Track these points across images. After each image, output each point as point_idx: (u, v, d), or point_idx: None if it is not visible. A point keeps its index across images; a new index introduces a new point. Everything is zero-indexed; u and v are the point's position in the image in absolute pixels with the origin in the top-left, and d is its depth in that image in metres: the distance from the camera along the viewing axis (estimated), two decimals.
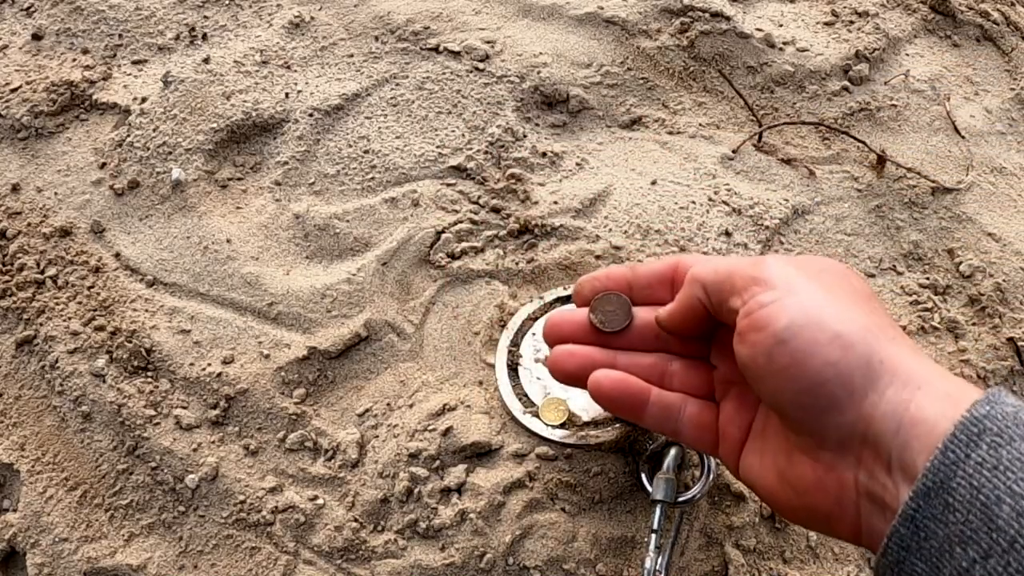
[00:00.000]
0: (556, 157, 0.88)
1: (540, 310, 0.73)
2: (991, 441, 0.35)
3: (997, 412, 0.35)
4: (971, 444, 0.35)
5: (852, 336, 0.39)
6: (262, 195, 0.85)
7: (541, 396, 0.68)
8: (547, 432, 0.66)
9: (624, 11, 1.00)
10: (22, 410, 0.73)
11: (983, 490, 0.34)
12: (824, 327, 0.39)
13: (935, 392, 0.38)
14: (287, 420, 0.70)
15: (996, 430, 0.35)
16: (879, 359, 0.39)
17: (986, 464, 0.34)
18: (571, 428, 0.66)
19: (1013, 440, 0.34)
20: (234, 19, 1.00)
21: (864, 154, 0.92)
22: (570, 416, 0.66)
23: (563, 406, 0.66)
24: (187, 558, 0.65)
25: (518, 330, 0.72)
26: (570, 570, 0.62)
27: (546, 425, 0.66)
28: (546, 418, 0.67)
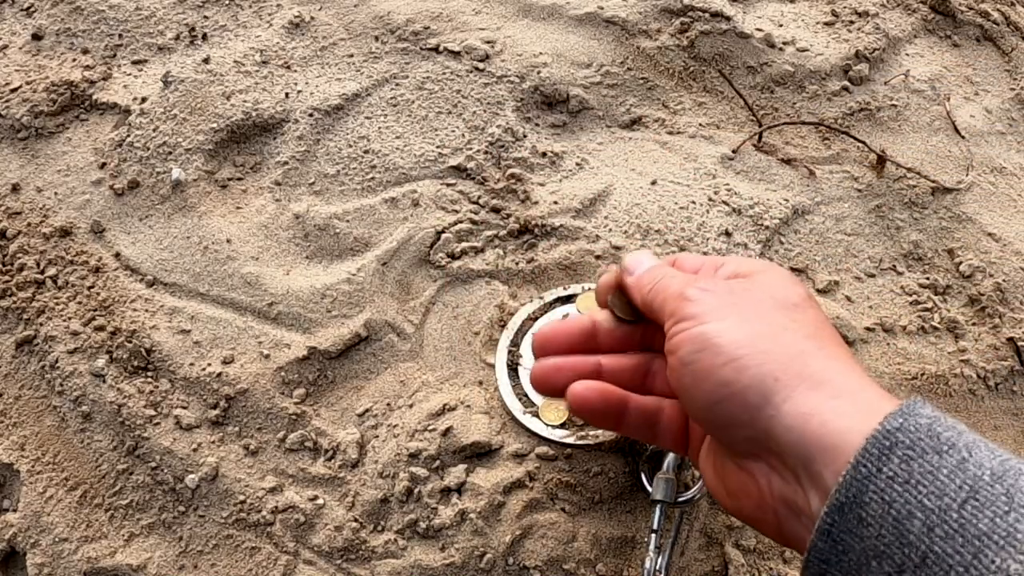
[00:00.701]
0: (556, 157, 0.88)
1: (540, 310, 0.73)
2: (902, 455, 0.35)
3: (910, 424, 0.36)
4: (883, 458, 0.35)
5: (747, 359, 0.41)
6: (262, 195, 0.85)
7: (541, 396, 0.67)
8: (547, 432, 0.66)
9: (624, 11, 1.00)
10: (22, 410, 0.73)
11: (894, 504, 0.34)
12: (720, 352, 0.42)
13: (848, 404, 0.38)
14: (287, 420, 0.70)
15: (908, 443, 0.35)
16: (774, 377, 0.40)
17: (898, 478, 0.34)
18: (571, 428, 0.65)
19: (925, 453, 0.34)
20: (234, 19, 1.00)
21: (864, 154, 0.92)
22: (570, 416, 0.66)
23: (563, 406, 0.66)
24: (187, 558, 0.65)
25: (518, 330, 0.72)
26: (570, 570, 0.62)
27: (546, 425, 0.66)
28: (546, 418, 0.66)
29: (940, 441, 0.35)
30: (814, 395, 0.39)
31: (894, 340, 0.77)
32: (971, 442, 0.35)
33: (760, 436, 0.41)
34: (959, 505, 0.33)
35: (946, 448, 0.35)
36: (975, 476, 0.33)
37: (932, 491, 0.33)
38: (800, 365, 0.40)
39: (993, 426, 0.75)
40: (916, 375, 0.75)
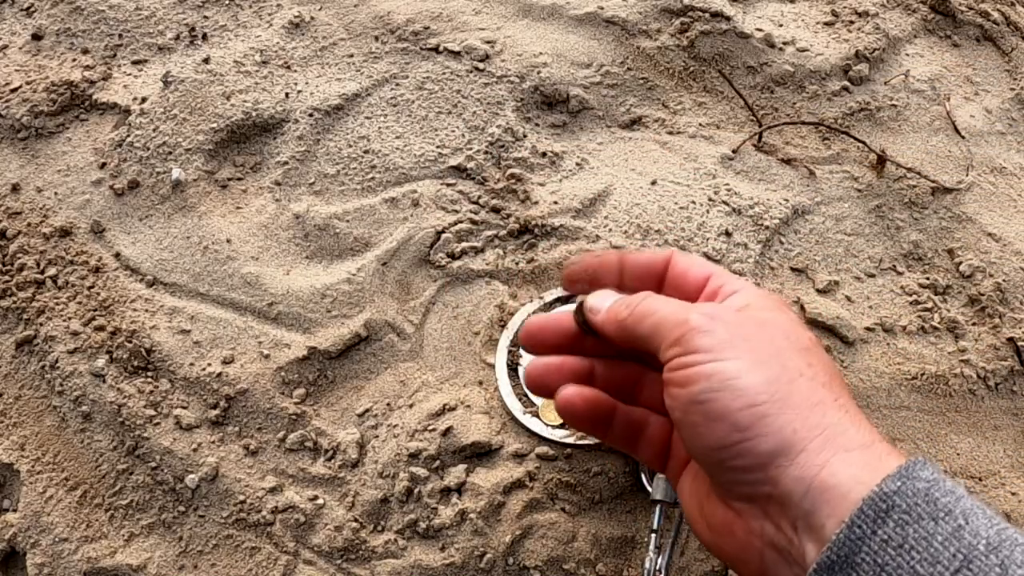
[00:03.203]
0: (556, 157, 0.88)
1: (540, 310, 0.73)
2: (898, 519, 0.35)
3: (908, 488, 0.35)
4: (878, 520, 0.35)
5: (767, 407, 0.39)
6: (262, 195, 0.85)
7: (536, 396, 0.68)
8: (547, 432, 0.66)
9: (624, 11, 1.00)
10: (22, 410, 0.73)
11: (886, 568, 0.34)
12: (739, 395, 0.40)
13: (852, 459, 0.38)
14: (287, 420, 0.70)
15: (904, 507, 0.35)
16: (792, 429, 0.39)
17: (891, 542, 0.34)
18: (571, 428, 0.65)
19: (921, 519, 0.34)
20: (234, 19, 1.00)
21: (864, 154, 0.92)
22: None
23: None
24: (187, 558, 0.65)
25: (518, 330, 0.71)
26: (570, 570, 0.62)
27: (546, 425, 0.66)
28: (546, 418, 0.66)
29: (937, 507, 0.35)
30: (828, 449, 0.38)
31: (894, 340, 0.77)
32: (968, 509, 0.35)
33: (766, 484, 0.40)
34: (951, 574, 0.33)
35: (943, 515, 0.34)
36: (970, 545, 0.33)
37: (925, 557, 0.33)
38: (818, 416, 0.40)
39: (993, 426, 0.75)
40: (916, 375, 0.75)
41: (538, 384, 0.54)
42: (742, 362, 0.41)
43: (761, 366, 0.41)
